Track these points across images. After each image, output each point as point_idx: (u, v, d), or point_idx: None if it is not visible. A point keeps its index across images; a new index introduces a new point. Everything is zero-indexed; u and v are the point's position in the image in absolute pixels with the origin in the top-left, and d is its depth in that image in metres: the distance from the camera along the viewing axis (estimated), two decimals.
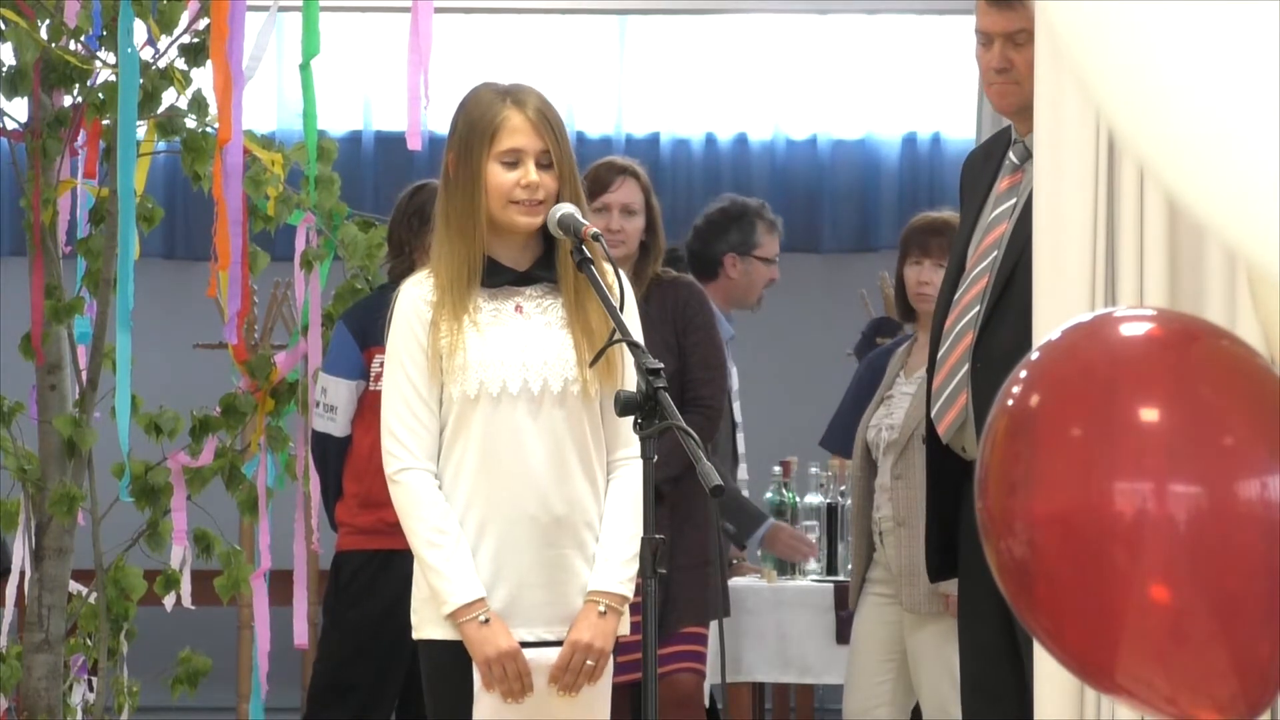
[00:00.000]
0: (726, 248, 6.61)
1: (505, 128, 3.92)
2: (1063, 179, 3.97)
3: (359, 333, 5.55)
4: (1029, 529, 2.50)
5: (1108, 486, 2.44)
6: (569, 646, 3.87)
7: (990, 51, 4.38)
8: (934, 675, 5.58)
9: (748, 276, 6.64)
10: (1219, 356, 2.53)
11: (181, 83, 5.79)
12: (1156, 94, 2.10)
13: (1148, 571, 2.43)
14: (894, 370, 5.78)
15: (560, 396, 3.91)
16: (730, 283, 6.62)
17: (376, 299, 5.56)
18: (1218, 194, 2.12)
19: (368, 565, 5.56)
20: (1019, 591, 2.54)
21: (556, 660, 3.87)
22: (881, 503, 5.66)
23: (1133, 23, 2.09)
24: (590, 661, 3.87)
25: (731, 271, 6.62)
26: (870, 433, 5.71)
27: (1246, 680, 2.46)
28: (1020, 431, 2.54)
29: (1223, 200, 2.13)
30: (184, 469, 5.81)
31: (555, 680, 3.87)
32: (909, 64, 9.66)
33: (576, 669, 3.87)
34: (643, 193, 5.49)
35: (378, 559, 5.53)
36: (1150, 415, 2.46)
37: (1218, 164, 2.09)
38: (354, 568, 5.60)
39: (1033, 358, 2.60)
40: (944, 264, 5.70)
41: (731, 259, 6.62)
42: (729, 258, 6.61)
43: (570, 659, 3.87)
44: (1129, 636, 2.46)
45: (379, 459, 5.39)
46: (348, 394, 5.56)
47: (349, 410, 5.57)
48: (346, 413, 5.56)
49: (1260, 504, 2.42)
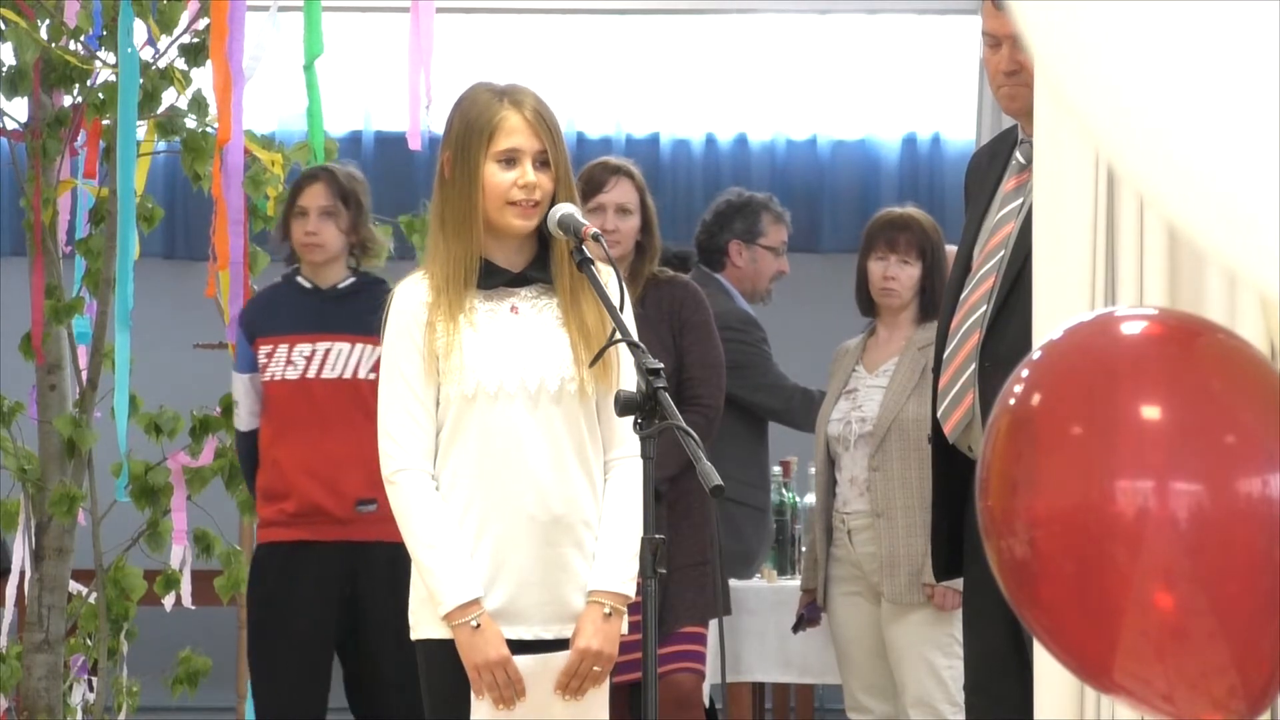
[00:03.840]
0: (731, 235, 6.68)
1: (502, 128, 3.92)
2: (1063, 180, 3.97)
3: (247, 326, 5.55)
4: (1029, 528, 2.49)
5: (1109, 485, 2.44)
6: (577, 654, 3.86)
7: (998, 54, 4.35)
8: (916, 669, 5.61)
9: (754, 265, 6.68)
10: (1220, 354, 2.53)
11: (181, 83, 5.79)
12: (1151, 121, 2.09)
13: (1148, 570, 2.43)
14: (848, 364, 5.83)
15: (557, 395, 3.91)
16: (737, 271, 6.67)
17: (263, 293, 5.65)
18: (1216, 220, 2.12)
19: (270, 557, 5.48)
20: (1019, 590, 2.54)
21: (564, 667, 3.86)
22: (850, 497, 5.70)
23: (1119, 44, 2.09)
24: (597, 667, 3.87)
25: (737, 260, 6.67)
26: (833, 427, 5.75)
27: (1247, 679, 2.46)
28: (1021, 430, 2.54)
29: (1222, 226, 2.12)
30: (184, 469, 5.82)
31: (562, 687, 3.86)
32: (909, 64, 9.66)
33: (584, 675, 3.87)
34: (637, 192, 5.49)
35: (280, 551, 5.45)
36: (1151, 413, 2.46)
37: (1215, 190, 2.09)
38: (260, 560, 5.53)
39: (1034, 357, 2.60)
40: (909, 260, 5.76)
41: (736, 246, 6.67)
42: (733, 245, 6.67)
43: (578, 666, 3.86)
44: (1128, 635, 2.45)
45: (274, 452, 5.41)
46: (243, 388, 5.54)
47: (248, 403, 5.53)
48: (246, 406, 5.54)
49: (1262, 502, 2.42)
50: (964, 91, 9.08)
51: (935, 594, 5.54)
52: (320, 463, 5.35)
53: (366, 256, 5.55)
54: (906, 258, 5.79)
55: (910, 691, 5.61)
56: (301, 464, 5.38)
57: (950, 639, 5.50)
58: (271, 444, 5.44)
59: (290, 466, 5.39)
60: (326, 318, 5.44)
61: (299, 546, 5.38)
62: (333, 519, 5.36)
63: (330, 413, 5.37)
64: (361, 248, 5.54)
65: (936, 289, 5.67)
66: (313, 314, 5.46)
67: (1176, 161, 2.07)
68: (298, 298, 5.50)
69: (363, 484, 5.31)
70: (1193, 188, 2.08)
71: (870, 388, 5.74)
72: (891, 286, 5.78)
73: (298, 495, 5.38)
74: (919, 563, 5.51)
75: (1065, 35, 2.11)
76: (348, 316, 5.42)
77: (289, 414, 5.42)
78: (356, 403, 5.36)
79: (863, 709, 5.81)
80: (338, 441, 5.34)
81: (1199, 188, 2.07)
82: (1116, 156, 2.18)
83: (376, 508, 5.30)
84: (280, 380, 5.44)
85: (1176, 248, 3.91)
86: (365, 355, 5.40)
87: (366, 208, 5.53)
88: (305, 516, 5.38)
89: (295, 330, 5.45)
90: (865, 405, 5.72)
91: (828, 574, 5.80)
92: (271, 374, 5.44)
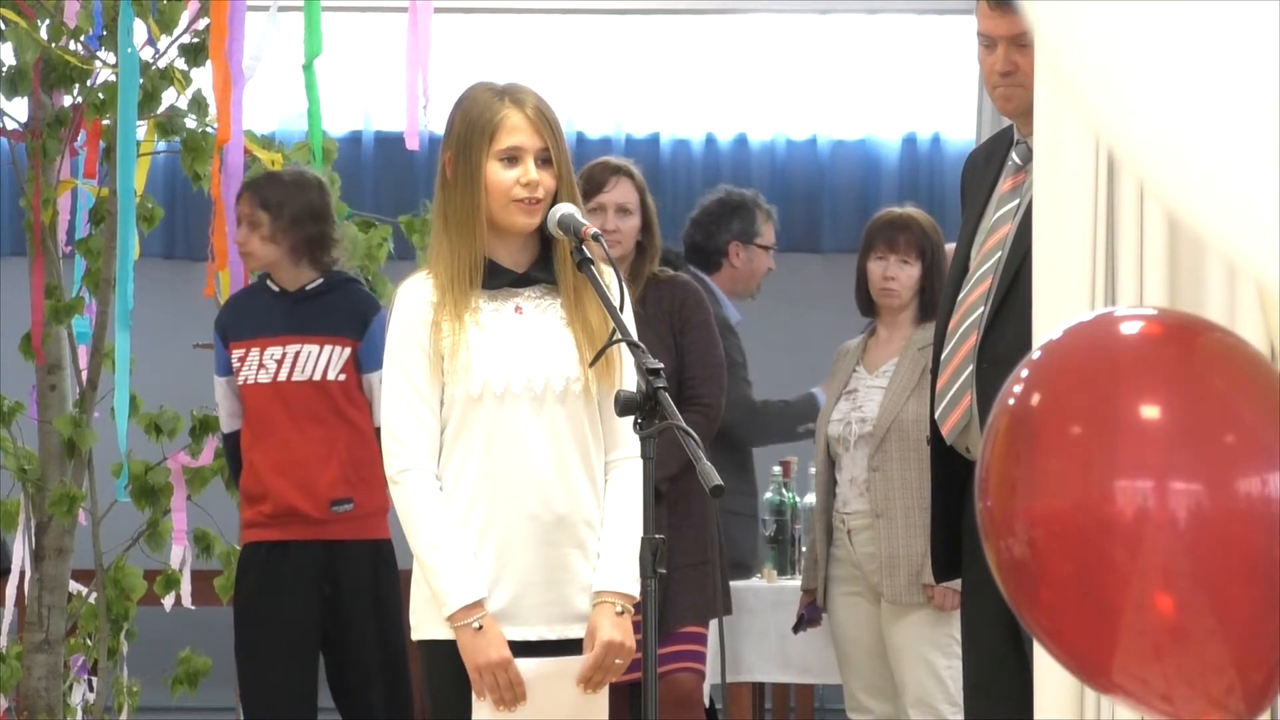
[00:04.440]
0: (730, 236, 6.68)
1: (504, 126, 3.92)
2: (1063, 179, 3.97)
3: (221, 329, 5.55)
4: (1029, 528, 2.49)
5: (1108, 485, 2.44)
6: (602, 647, 3.85)
7: (994, 54, 4.34)
8: (916, 669, 5.61)
9: (750, 265, 6.70)
10: (1220, 354, 2.53)
11: (181, 83, 5.79)
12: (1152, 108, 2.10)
13: (1147, 570, 2.43)
14: (849, 364, 5.83)
15: (562, 395, 3.91)
16: (734, 271, 6.68)
17: (235, 296, 5.65)
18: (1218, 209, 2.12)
19: (252, 558, 5.50)
20: (1019, 591, 2.54)
21: (589, 661, 3.86)
22: (850, 497, 5.71)
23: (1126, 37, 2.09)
24: (620, 660, 3.87)
25: (735, 260, 6.68)
26: (833, 427, 5.76)
27: (1246, 679, 2.46)
28: (1021, 430, 2.54)
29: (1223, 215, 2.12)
30: (184, 469, 5.82)
31: (585, 680, 3.86)
32: (909, 64, 9.65)
33: (609, 668, 3.87)
34: (637, 192, 5.49)
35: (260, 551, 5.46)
36: (1151, 413, 2.46)
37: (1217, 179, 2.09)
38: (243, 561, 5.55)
39: (1034, 357, 2.60)
40: (909, 260, 5.76)
41: (735, 247, 6.68)
42: (733, 246, 6.67)
43: (604, 658, 3.86)
44: (1127, 635, 2.45)
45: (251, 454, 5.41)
46: (222, 390, 5.55)
47: (228, 405, 5.54)
48: (226, 408, 5.54)
49: (1261, 501, 2.42)
50: (964, 91, 9.08)
51: (935, 594, 5.54)
52: (293, 465, 5.36)
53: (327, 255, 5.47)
54: (906, 258, 5.79)
55: (910, 692, 5.62)
56: (275, 466, 5.38)
57: (950, 639, 5.50)
58: (249, 447, 5.45)
59: (265, 469, 5.40)
60: (294, 320, 5.42)
61: (278, 547, 5.40)
62: (308, 520, 5.36)
63: (303, 415, 5.37)
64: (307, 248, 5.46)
65: (936, 289, 5.67)
66: (281, 316, 5.44)
67: (1179, 150, 2.07)
68: (268, 301, 5.48)
69: (337, 484, 5.33)
70: (1195, 176, 2.08)
71: (870, 388, 5.75)
72: (891, 287, 5.78)
73: (273, 498, 5.39)
74: (919, 563, 5.51)
75: (1071, 24, 2.11)
76: (315, 318, 5.41)
77: (263, 417, 5.42)
78: (328, 404, 5.36)
79: (863, 709, 5.81)
80: (311, 443, 5.35)
81: (1201, 176, 2.07)
82: (1119, 144, 2.18)
83: (353, 507, 5.32)
84: (254, 384, 5.43)
85: (1176, 247, 3.90)
86: (335, 356, 5.39)
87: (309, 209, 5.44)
88: (281, 518, 5.39)
89: (265, 333, 5.44)
90: (865, 406, 5.73)
91: (828, 574, 5.80)
92: (245, 378, 5.44)
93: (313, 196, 5.45)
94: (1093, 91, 2.15)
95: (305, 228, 5.43)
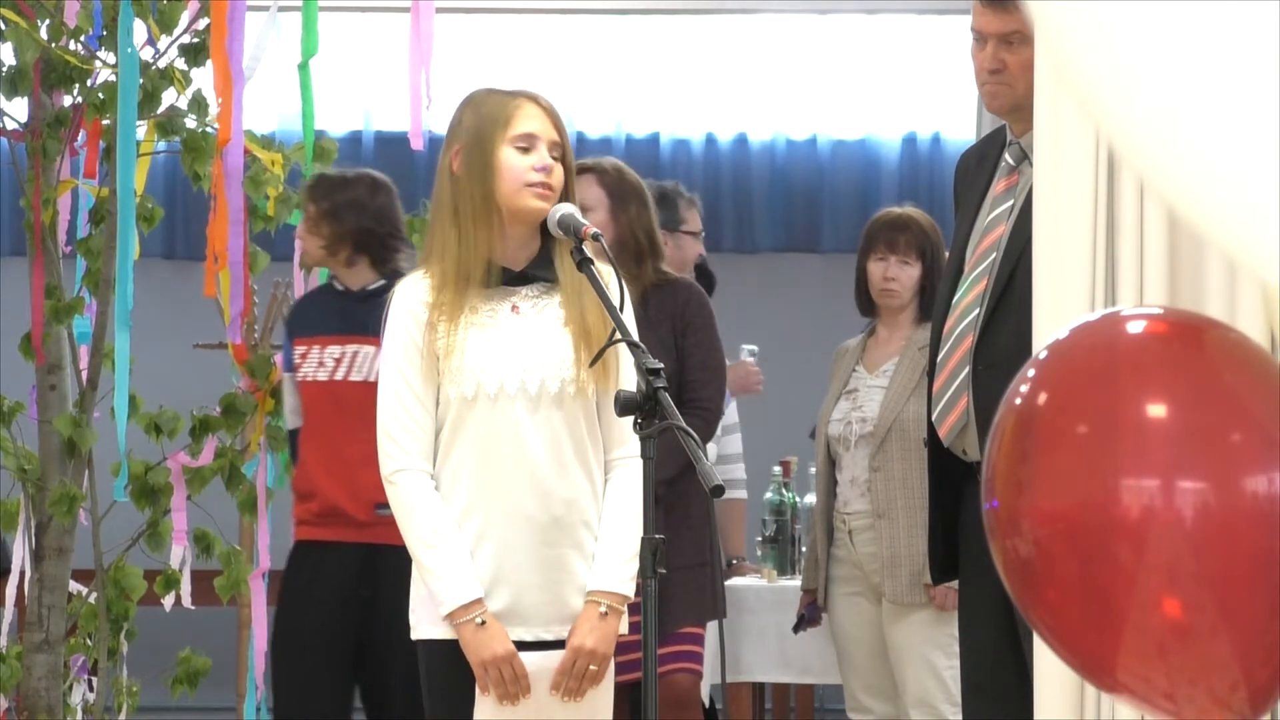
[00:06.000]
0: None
1: (519, 114, 3.94)
2: (1063, 179, 3.96)
3: (289, 325, 5.71)
4: (1034, 527, 2.49)
5: (1113, 484, 2.43)
6: (571, 652, 3.86)
7: (984, 51, 4.36)
8: (917, 669, 5.61)
9: (680, 252, 6.65)
10: (1225, 353, 2.53)
11: (181, 83, 5.79)
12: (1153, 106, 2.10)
13: (1152, 569, 2.42)
14: (848, 364, 5.83)
15: (558, 396, 3.91)
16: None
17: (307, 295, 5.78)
18: (1219, 205, 2.12)
19: (301, 555, 5.59)
20: (1024, 590, 2.54)
21: (559, 666, 3.87)
22: (851, 497, 5.71)
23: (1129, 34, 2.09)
24: (593, 666, 3.86)
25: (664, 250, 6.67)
26: (834, 427, 5.76)
27: (1250, 678, 2.46)
28: (1027, 430, 2.54)
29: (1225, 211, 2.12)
30: (184, 469, 5.81)
31: (557, 687, 3.86)
32: (909, 64, 9.66)
33: (580, 674, 3.86)
34: (603, 190, 5.43)
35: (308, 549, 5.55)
36: (1156, 412, 2.46)
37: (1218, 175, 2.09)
38: (292, 557, 5.63)
39: (1040, 356, 2.60)
40: (909, 260, 5.77)
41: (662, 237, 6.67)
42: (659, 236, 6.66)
43: (573, 664, 3.86)
44: (1132, 634, 2.45)
45: (304, 451, 5.46)
46: (288, 386, 5.67)
47: (291, 402, 5.66)
48: (289, 404, 5.66)
49: (1267, 500, 2.41)
50: (964, 91, 9.08)
51: (936, 594, 5.54)
52: (341, 465, 5.44)
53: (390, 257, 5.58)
54: (906, 258, 5.80)
55: (911, 691, 5.62)
56: (324, 465, 5.49)
57: (951, 639, 5.50)
58: (303, 443, 5.57)
59: (315, 467, 5.52)
60: (353, 320, 5.53)
61: (322, 546, 5.49)
62: (352, 521, 5.44)
63: (353, 416, 5.39)
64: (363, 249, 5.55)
65: (936, 289, 5.67)
66: (340, 316, 5.57)
67: (1180, 146, 2.07)
68: (331, 300, 5.63)
69: (381, 488, 5.34)
70: (1196, 171, 2.08)
71: (870, 388, 5.75)
72: (891, 287, 5.79)
73: (321, 496, 5.50)
74: (920, 563, 5.51)
75: (1073, 23, 2.11)
76: (372, 319, 5.44)
77: (317, 415, 5.55)
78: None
79: (863, 709, 5.81)
80: (359, 444, 5.35)
81: (1202, 171, 2.08)
82: (1120, 141, 2.18)
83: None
84: (311, 381, 5.58)
85: (1176, 246, 3.90)
86: None
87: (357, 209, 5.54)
88: (327, 517, 5.49)
89: (325, 331, 5.58)
90: (866, 405, 5.73)
91: (828, 574, 5.80)
92: (304, 374, 5.58)
93: (364, 196, 5.55)
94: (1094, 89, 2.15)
95: (352, 227, 5.53)
